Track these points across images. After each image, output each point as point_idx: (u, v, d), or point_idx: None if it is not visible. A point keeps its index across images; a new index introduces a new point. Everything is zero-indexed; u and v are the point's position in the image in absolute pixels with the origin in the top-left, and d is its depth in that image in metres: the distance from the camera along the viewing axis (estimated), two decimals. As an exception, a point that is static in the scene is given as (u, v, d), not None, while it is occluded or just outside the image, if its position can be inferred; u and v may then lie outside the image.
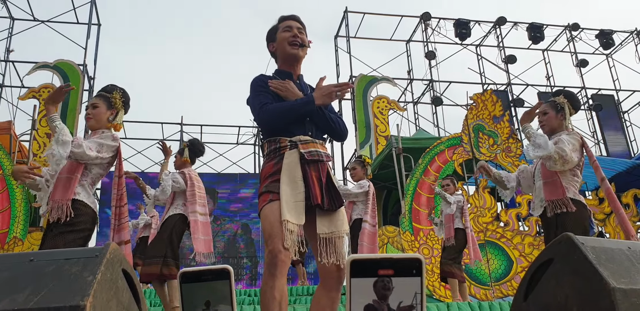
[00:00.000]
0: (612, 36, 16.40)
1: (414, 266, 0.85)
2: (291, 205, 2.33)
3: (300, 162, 2.45)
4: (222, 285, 1.06)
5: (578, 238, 1.35)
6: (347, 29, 15.19)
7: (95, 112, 3.36)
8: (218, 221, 13.82)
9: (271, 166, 2.47)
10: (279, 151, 2.49)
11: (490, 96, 9.69)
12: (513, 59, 15.84)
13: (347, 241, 2.52)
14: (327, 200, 2.42)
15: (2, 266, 1.07)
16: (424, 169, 9.25)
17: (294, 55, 2.66)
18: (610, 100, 16.17)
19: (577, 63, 16.41)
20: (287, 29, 2.67)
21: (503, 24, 15.96)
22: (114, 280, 1.10)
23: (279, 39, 2.67)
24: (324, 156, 2.52)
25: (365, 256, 0.86)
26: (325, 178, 2.48)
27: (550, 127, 3.62)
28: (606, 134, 15.60)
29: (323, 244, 2.36)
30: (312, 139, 2.54)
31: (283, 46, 2.65)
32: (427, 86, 15.61)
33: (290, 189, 2.38)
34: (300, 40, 2.64)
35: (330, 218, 2.43)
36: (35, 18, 13.77)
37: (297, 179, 2.40)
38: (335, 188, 2.50)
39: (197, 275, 1.06)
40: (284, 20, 2.71)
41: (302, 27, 2.70)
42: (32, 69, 12.26)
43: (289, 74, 2.69)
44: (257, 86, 2.59)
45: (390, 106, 13.90)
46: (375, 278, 0.85)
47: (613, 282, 1.20)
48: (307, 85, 2.75)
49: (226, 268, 1.06)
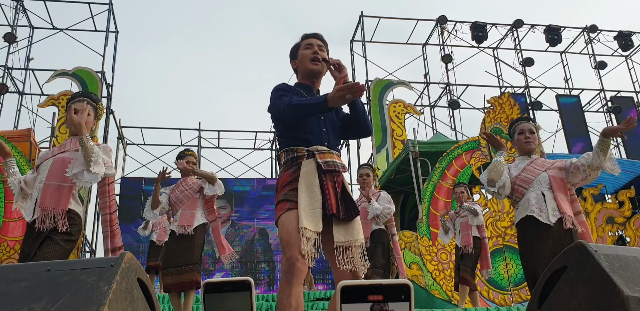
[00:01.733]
0: (631, 37, 16.22)
1: (402, 291, 0.87)
2: (309, 212, 2.37)
3: (317, 171, 2.48)
4: (243, 296, 1.10)
5: (591, 245, 1.34)
6: (363, 34, 15.20)
7: (88, 120, 3.34)
8: (235, 226, 13.87)
9: (289, 174, 2.52)
10: (296, 160, 2.54)
11: (508, 99, 9.64)
12: (530, 62, 15.73)
13: (364, 249, 2.54)
14: (342, 210, 2.46)
15: (19, 276, 1.10)
16: (442, 174, 9.21)
17: (315, 71, 2.74)
18: (630, 102, 15.98)
19: (595, 65, 16.25)
20: (308, 46, 2.75)
21: (520, 27, 15.87)
22: (129, 289, 1.12)
23: (301, 56, 2.76)
24: (339, 167, 2.57)
25: (355, 282, 0.88)
26: (340, 189, 2.53)
27: (535, 146, 3.80)
28: (626, 136, 15.40)
29: (340, 252, 2.40)
30: (329, 149, 2.59)
31: (305, 63, 2.74)
32: (444, 90, 15.56)
33: (309, 196, 2.42)
34: (321, 55, 2.70)
35: (346, 228, 2.48)
36: (54, 26, 13.97)
37: (314, 188, 2.46)
38: (351, 198, 2.55)
39: (219, 285, 1.10)
40: (306, 38, 2.80)
41: (323, 45, 2.79)
42: (51, 77, 12.43)
43: (310, 87, 2.76)
44: (279, 91, 2.65)
45: (406, 110, 13.88)
46: (365, 303, 0.87)
47: (627, 290, 1.19)
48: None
49: (247, 280, 1.11)
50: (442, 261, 8.32)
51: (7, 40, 12.79)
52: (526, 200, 3.56)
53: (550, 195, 3.53)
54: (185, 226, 4.93)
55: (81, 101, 3.38)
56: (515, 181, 3.66)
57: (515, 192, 3.66)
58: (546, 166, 3.69)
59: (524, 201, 3.58)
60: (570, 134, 14.95)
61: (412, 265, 8.38)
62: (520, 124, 3.86)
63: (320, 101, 2.44)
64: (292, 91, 2.65)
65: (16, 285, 1.08)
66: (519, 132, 3.81)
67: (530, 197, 3.55)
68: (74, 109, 3.31)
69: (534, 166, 3.69)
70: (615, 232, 9.36)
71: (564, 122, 15.14)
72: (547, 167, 3.68)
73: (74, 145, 3.30)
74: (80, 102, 3.37)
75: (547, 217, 3.45)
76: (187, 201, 5.09)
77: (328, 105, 2.42)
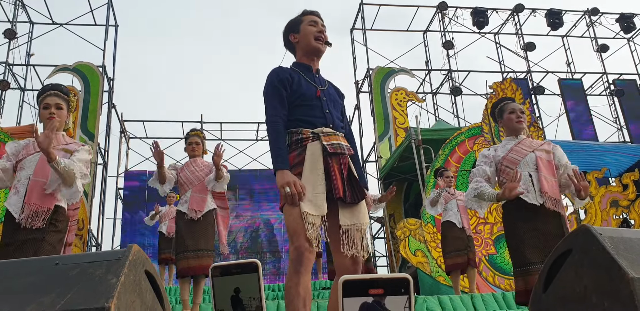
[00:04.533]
0: (633, 20, 16.10)
1: (402, 285, 0.90)
2: (312, 196, 2.37)
3: (323, 154, 2.48)
4: (251, 278, 1.12)
5: (596, 228, 1.35)
6: (363, 22, 15.13)
7: (60, 114, 3.32)
8: (240, 217, 13.91)
9: (294, 157, 2.53)
10: (301, 142, 2.53)
11: (510, 84, 9.62)
12: (532, 47, 15.65)
13: (368, 233, 2.57)
14: (349, 193, 2.46)
15: (28, 270, 1.11)
16: (445, 160, 9.21)
17: (317, 49, 2.71)
18: (633, 85, 15.90)
19: (597, 48, 16.16)
20: (312, 23, 2.71)
21: (521, 11, 15.77)
22: (137, 281, 1.13)
23: (304, 31, 2.71)
24: (345, 149, 2.56)
25: (356, 276, 0.91)
26: (346, 171, 2.52)
27: (526, 126, 3.78)
28: (629, 119, 15.36)
29: (345, 236, 2.41)
30: (334, 131, 2.57)
31: (308, 39, 2.69)
32: (446, 76, 15.50)
33: (312, 181, 2.43)
34: (325, 37, 2.68)
35: (352, 211, 2.48)
36: (53, 21, 13.92)
37: (319, 172, 2.46)
38: (357, 181, 2.54)
39: (227, 268, 1.13)
40: (308, 14, 2.75)
41: (324, 26, 2.74)
42: (52, 72, 12.42)
43: (309, 67, 2.73)
44: (272, 84, 2.62)
45: (408, 98, 13.84)
46: (366, 297, 0.89)
47: (632, 272, 1.20)
48: (324, 79, 2.77)
49: (254, 261, 1.13)
50: (448, 247, 8.33)
51: (7, 36, 12.76)
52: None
53: (537, 176, 3.49)
54: (196, 210, 4.81)
55: (51, 95, 3.34)
56: (503, 162, 3.59)
57: (502, 173, 3.60)
58: (534, 147, 3.63)
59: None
60: (573, 119, 14.91)
61: (417, 252, 8.41)
62: (510, 104, 3.78)
63: (277, 165, 2.47)
64: (288, 80, 2.60)
65: (25, 280, 1.09)
66: (510, 111, 3.72)
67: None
68: (45, 104, 3.29)
69: (521, 146, 3.63)
70: (620, 215, 9.37)
71: (567, 107, 15.10)
72: (534, 148, 3.62)
73: (56, 142, 3.26)
74: (51, 97, 3.33)
75: (535, 197, 3.42)
76: (198, 183, 4.94)
77: (276, 172, 2.46)
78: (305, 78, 2.66)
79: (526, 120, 3.78)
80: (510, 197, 3.32)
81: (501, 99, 3.95)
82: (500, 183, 3.62)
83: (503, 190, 3.34)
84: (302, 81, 2.64)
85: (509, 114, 3.73)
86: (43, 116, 3.30)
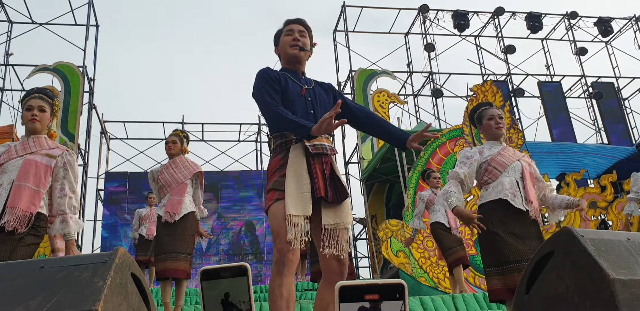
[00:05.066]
0: (611, 23, 16.34)
1: (397, 290, 0.93)
2: (297, 197, 2.41)
3: (305, 155, 2.50)
4: (240, 281, 1.12)
5: (577, 230, 1.37)
6: (346, 23, 15.17)
7: (43, 117, 3.29)
8: (222, 219, 13.86)
9: (278, 160, 2.56)
10: (285, 145, 2.57)
11: (491, 87, 9.71)
12: (512, 49, 15.80)
13: (350, 233, 2.59)
14: (331, 192, 2.49)
15: (13, 273, 1.10)
16: (426, 162, 9.27)
17: (293, 55, 2.75)
18: (610, 87, 16.13)
19: (576, 51, 16.37)
20: (288, 32, 2.77)
21: (501, 14, 15.92)
22: (123, 284, 1.13)
23: (282, 42, 2.78)
24: (328, 150, 2.60)
25: (352, 282, 0.94)
26: (329, 171, 2.55)
27: (505, 131, 3.81)
28: (607, 121, 15.59)
29: (327, 235, 2.43)
30: None
31: (285, 49, 2.76)
32: (427, 78, 15.60)
33: (297, 181, 2.45)
34: (301, 43, 2.70)
35: (335, 210, 2.51)
36: (33, 21, 13.77)
37: (302, 172, 2.48)
38: (340, 181, 2.57)
39: (216, 272, 1.12)
40: (287, 24, 2.81)
41: (304, 30, 2.79)
42: (32, 72, 12.29)
43: (294, 71, 2.77)
44: (261, 80, 2.65)
45: (390, 100, 13.91)
46: (362, 302, 0.93)
47: (612, 273, 1.22)
48: (310, 80, 2.81)
49: (244, 265, 1.13)
50: (428, 248, 8.39)
51: (-16, 35, 12.60)
52: (499, 183, 3.51)
53: (523, 183, 3.53)
54: (171, 213, 4.74)
55: (35, 97, 3.31)
56: (491, 162, 3.59)
57: (488, 173, 3.60)
58: (518, 157, 3.69)
59: (496, 184, 3.52)
60: (552, 121, 15.08)
61: (399, 253, 8.45)
62: (489, 109, 3.79)
63: (304, 128, 2.44)
64: (276, 78, 2.64)
65: (10, 283, 1.08)
66: (489, 117, 3.74)
67: (505, 181, 3.51)
68: (28, 106, 3.27)
69: (507, 152, 3.67)
70: (598, 216, 9.50)
71: (546, 109, 15.27)
72: (519, 157, 3.68)
73: (39, 146, 3.26)
74: (35, 99, 3.30)
75: (522, 203, 3.46)
76: (176, 185, 4.87)
77: (309, 134, 2.43)
78: (291, 78, 2.71)
79: (505, 125, 3.82)
80: (465, 223, 3.41)
81: (479, 104, 3.96)
82: (485, 183, 3.62)
83: (464, 218, 3.40)
84: (288, 80, 2.69)
85: (487, 120, 3.75)
86: (25, 118, 3.29)
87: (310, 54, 2.78)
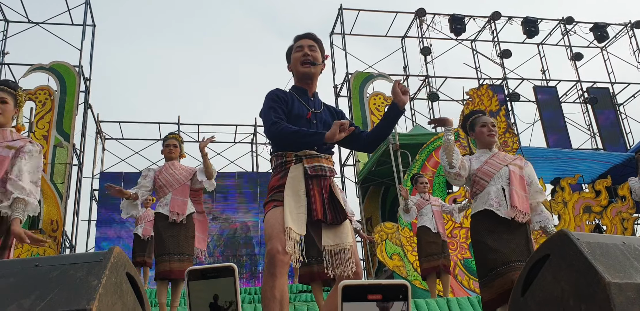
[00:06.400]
0: (606, 29, 16.41)
1: (400, 291, 0.93)
2: (294, 216, 2.40)
3: (304, 176, 2.51)
4: (227, 282, 1.12)
5: (574, 233, 1.37)
6: (342, 26, 15.18)
7: (5, 108, 3.14)
8: (217, 220, 13.82)
9: (277, 179, 2.57)
10: (284, 165, 2.59)
11: (486, 91, 9.72)
12: (508, 54, 15.85)
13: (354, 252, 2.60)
14: (330, 214, 2.50)
15: (8, 272, 1.09)
16: (422, 165, 9.28)
17: (305, 73, 2.76)
18: (606, 93, 16.19)
19: (571, 56, 16.42)
20: (298, 49, 2.78)
21: (498, 19, 15.97)
22: (118, 283, 1.12)
23: (293, 59, 2.79)
24: (327, 171, 2.61)
25: (355, 282, 0.94)
26: (327, 193, 2.55)
27: (497, 139, 3.85)
28: (602, 127, 15.63)
29: (329, 257, 2.44)
30: (317, 153, 2.60)
31: (296, 66, 2.77)
32: (423, 82, 15.62)
33: (294, 201, 2.47)
34: (311, 58, 2.71)
35: (335, 231, 2.53)
36: (29, 20, 13.73)
37: (300, 193, 2.50)
38: (339, 202, 2.57)
39: (203, 272, 1.12)
40: (297, 40, 2.82)
41: (314, 44, 2.80)
42: (27, 71, 12.24)
43: (305, 90, 2.80)
44: (270, 100, 2.69)
45: (386, 103, 13.92)
46: (365, 302, 0.93)
47: (608, 277, 1.22)
48: (321, 102, 2.83)
49: (231, 265, 1.13)
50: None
51: (-20, 34, 12.57)
52: (486, 193, 3.54)
53: (509, 190, 3.54)
54: (178, 213, 4.72)
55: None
56: (477, 173, 3.63)
57: (475, 184, 3.64)
58: (507, 161, 3.69)
59: (483, 194, 3.56)
60: (548, 126, 15.12)
61: (394, 256, 8.44)
62: (481, 117, 3.82)
63: (320, 134, 2.50)
64: (284, 99, 2.67)
65: (3, 281, 1.07)
66: (481, 125, 3.77)
67: (491, 191, 3.53)
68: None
69: (495, 159, 3.68)
70: (593, 221, 9.51)
71: (542, 114, 15.31)
72: (508, 162, 3.68)
73: (1, 138, 3.12)
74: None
75: (507, 211, 3.47)
76: (178, 186, 4.88)
77: (324, 141, 2.49)
78: (299, 100, 2.72)
79: (497, 133, 3.84)
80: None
81: (472, 112, 3.99)
82: (474, 194, 3.67)
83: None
84: (295, 102, 2.70)
85: (480, 128, 3.78)
86: None
87: (323, 67, 2.81)
